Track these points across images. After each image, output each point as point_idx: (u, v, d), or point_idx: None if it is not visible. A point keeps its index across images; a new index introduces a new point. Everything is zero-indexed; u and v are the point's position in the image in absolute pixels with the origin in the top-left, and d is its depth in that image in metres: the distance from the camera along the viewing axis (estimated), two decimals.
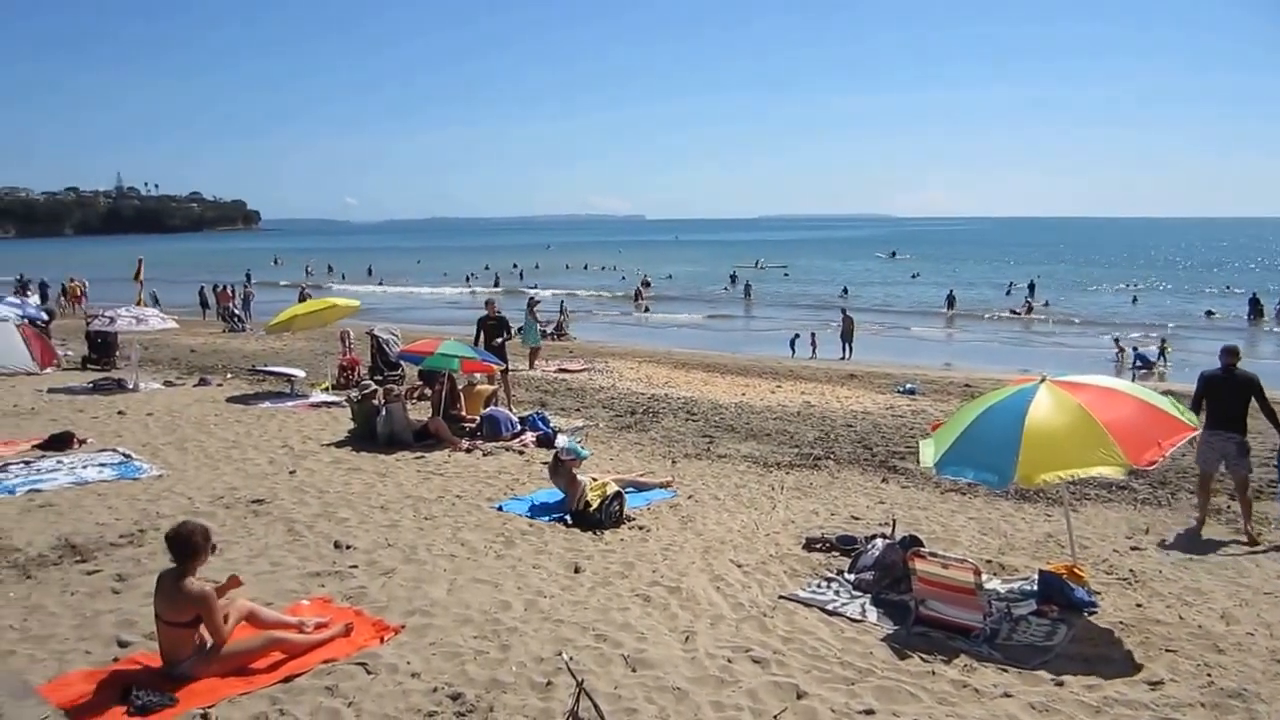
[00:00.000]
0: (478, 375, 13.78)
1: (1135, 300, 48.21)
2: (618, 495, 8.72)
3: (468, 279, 66.09)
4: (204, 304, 40.04)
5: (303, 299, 35.80)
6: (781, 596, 6.81)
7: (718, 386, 18.70)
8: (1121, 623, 6.29)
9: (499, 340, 15.22)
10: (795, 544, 8.05)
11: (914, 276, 66.34)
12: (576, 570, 7.30)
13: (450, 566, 7.34)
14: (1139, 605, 6.65)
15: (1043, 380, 6.60)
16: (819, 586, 7.03)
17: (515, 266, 75.81)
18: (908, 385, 18.41)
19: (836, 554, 7.72)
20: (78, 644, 5.82)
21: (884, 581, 6.89)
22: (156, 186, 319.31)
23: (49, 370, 19.04)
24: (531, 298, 23.72)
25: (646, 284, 54.96)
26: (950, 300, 44.94)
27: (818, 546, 7.91)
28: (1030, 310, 42.51)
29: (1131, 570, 7.41)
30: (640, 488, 9.64)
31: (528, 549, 7.85)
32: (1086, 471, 6.01)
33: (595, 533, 8.31)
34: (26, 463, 10.90)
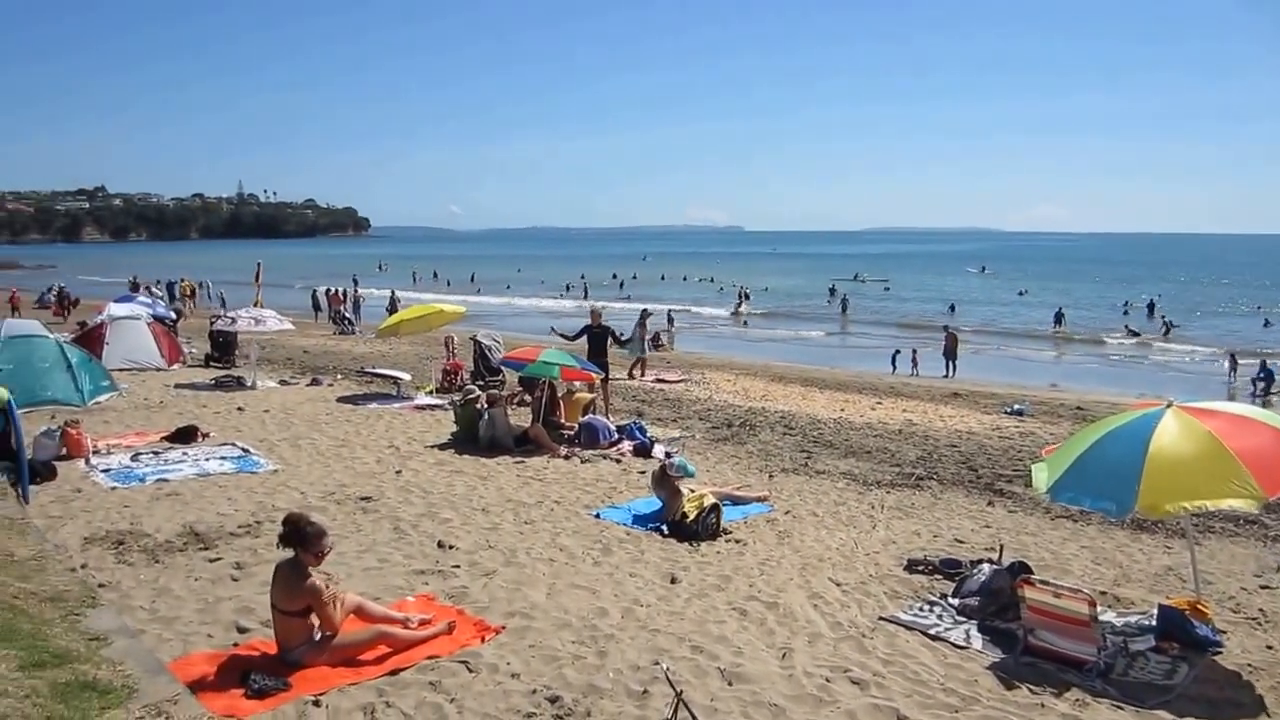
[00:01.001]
0: (577, 383, 13.92)
1: (1267, 324, 45.50)
2: (715, 508, 8.69)
3: (567, 288, 66.76)
4: (316, 307, 41.46)
5: (393, 307, 36.84)
6: (881, 618, 6.67)
7: (816, 401, 18.48)
8: (1250, 665, 5.95)
9: (603, 348, 15.33)
10: (896, 565, 7.88)
11: (1020, 294, 64.27)
12: (673, 581, 7.29)
13: (549, 571, 7.43)
14: (1269, 647, 6.28)
15: (1169, 405, 6.31)
16: (921, 609, 6.86)
17: (614, 276, 76.34)
18: (1015, 406, 17.85)
19: (939, 577, 7.52)
20: (200, 627, 6.09)
21: (990, 608, 6.69)
22: (274, 194, 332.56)
23: (175, 367, 20.00)
24: (644, 310, 23.81)
25: (745, 296, 54.65)
26: (1058, 318, 43.41)
27: (920, 569, 7.73)
28: (1169, 332, 40.45)
29: (1261, 610, 7.02)
30: (737, 501, 9.58)
31: (625, 557, 7.89)
32: (1217, 503, 5.72)
33: (691, 544, 8.30)
34: (155, 453, 11.47)
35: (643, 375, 21.43)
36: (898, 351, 28.98)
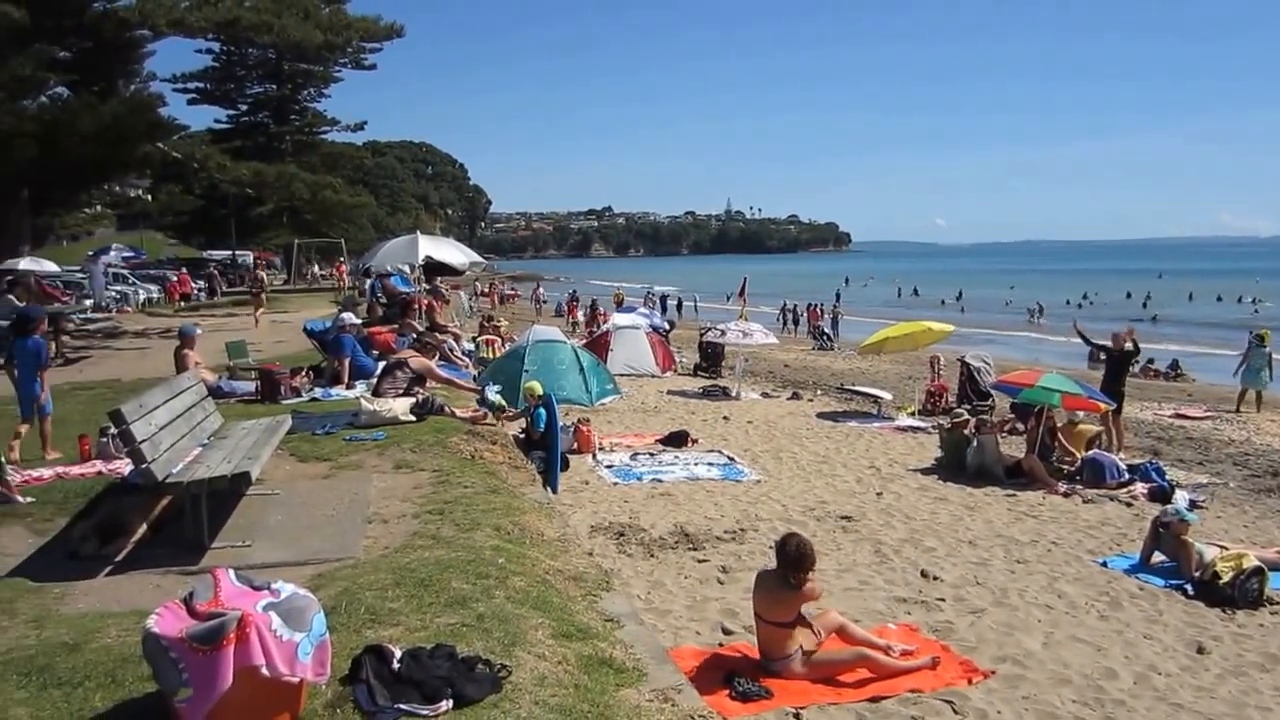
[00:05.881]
0: (1080, 413, 12.60)
1: None
2: (1257, 571, 7.27)
3: (1080, 303, 61.08)
4: (795, 321, 42.78)
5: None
6: None
7: None
8: None
9: (1121, 375, 13.75)
10: None
11: None
12: (1200, 650, 6.25)
13: (1046, 618, 6.74)
14: None
15: None
16: None
17: (1129, 295, 67.77)
18: None
19: None
20: (689, 623, 6.42)
21: None
22: (759, 210, 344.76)
23: (668, 374, 21.74)
24: (1263, 334, 19.90)
25: None
26: None
27: None
28: None
29: None
30: None
31: (1137, 615, 6.92)
32: None
33: (1224, 610, 7.06)
34: (651, 454, 12.46)
35: (1258, 409, 18.11)
36: None
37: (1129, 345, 13.96)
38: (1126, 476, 10.97)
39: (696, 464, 11.84)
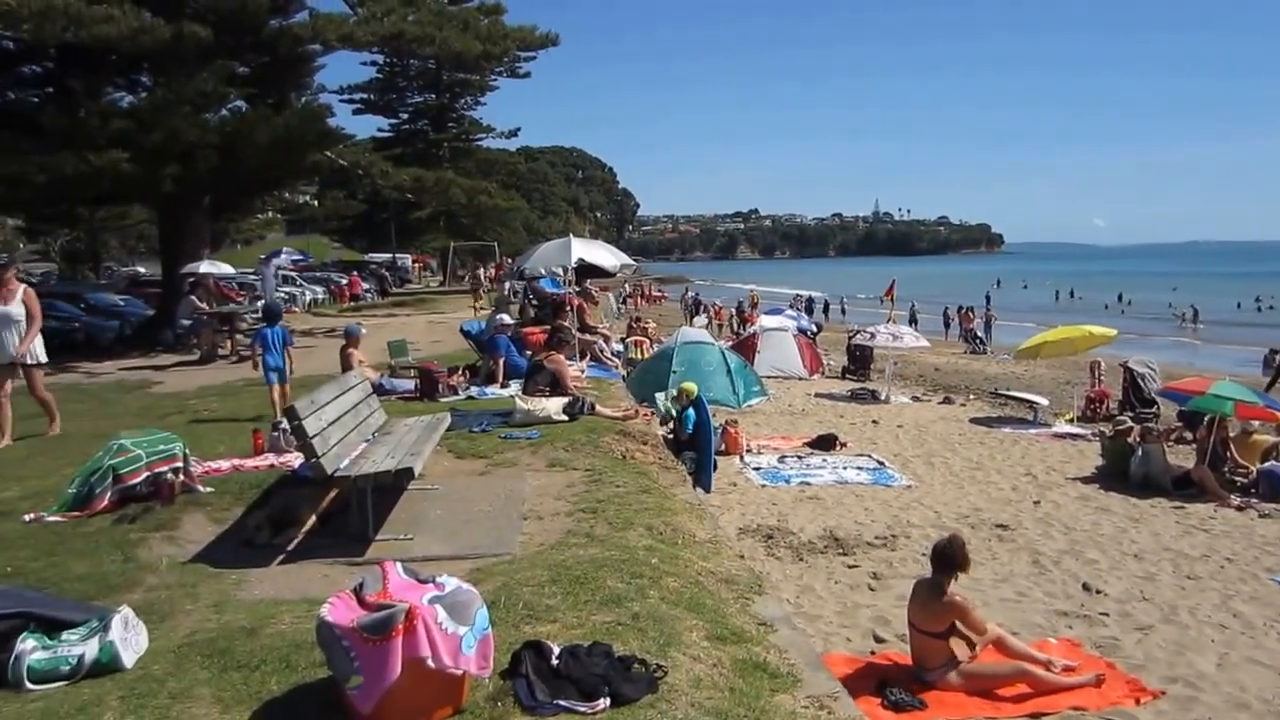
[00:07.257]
0: (1255, 423, 11.79)
1: None
2: None
3: (1257, 305, 56.97)
4: (946, 324, 41.45)
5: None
6: None
7: None
8: None
9: None
10: None
11: None
12: None
13: (1220, 638, 6.39)
14: None
15: None
16: None
17: None
18: None
19: None
20: (839, 629, 6.37)
21: None
22: (908, 211, 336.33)
23: (815, 376, 21.51)
24: None
25: None
26: None
27: None
28: None
29: None
30: None
31: None
32: None
33: None
34: (799, 457, 12.39)
35: None
36: None
37: None
38: None
39: (845, 468, 11.71)
